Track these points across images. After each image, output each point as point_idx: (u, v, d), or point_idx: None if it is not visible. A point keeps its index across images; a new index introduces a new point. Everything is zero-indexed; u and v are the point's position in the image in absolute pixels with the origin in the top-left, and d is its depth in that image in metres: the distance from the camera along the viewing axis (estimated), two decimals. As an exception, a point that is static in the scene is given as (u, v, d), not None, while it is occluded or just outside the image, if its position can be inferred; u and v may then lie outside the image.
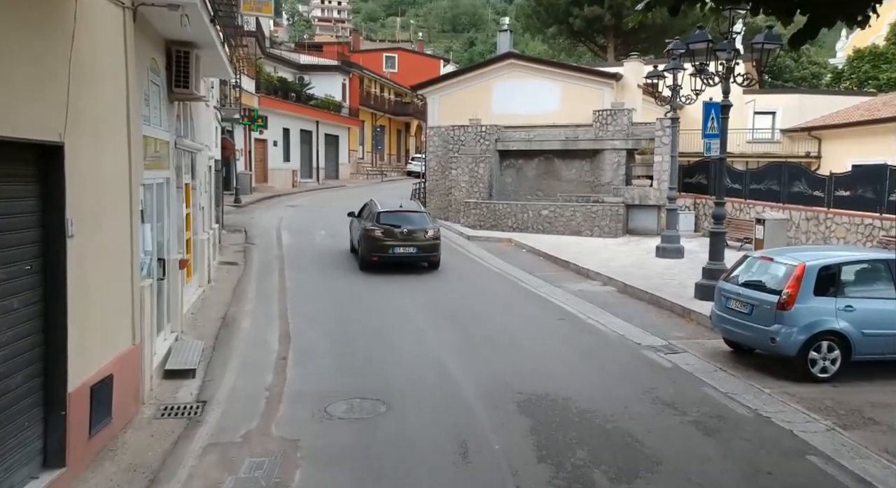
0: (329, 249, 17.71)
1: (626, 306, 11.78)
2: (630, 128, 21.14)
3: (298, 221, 23.38)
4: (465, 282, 13.86)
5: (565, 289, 13.17)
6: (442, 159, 24.10)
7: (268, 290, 12.84)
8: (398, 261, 14.85)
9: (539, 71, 22.86)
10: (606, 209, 19.91)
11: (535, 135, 22.44)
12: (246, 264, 15.58)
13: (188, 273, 11.46)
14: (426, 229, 15.13)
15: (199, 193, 12.52)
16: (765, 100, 28.58)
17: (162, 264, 8.55)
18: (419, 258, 15.13)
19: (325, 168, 43.30)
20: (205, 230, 13.16)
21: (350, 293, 12.58)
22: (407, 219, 15.18)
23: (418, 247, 14.91)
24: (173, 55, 9.22)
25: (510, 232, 20.81)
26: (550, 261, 16.40)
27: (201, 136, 12.96)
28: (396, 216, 15.21)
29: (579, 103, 22.03)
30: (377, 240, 14.71)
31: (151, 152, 8.26)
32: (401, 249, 14.78)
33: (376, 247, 14.72)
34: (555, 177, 22.64)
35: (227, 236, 19.47)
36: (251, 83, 32.53)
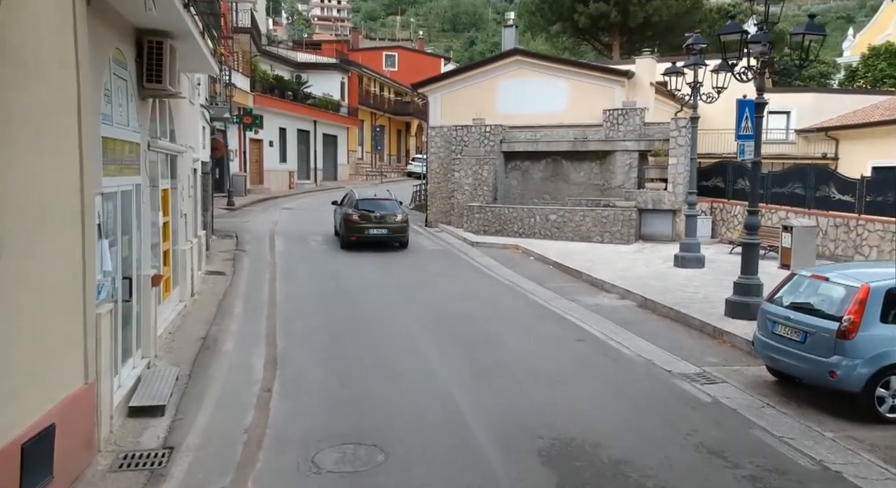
0: (324, 257, 16.63)
1: (649, 324, 10.70)
2: (643, 128, 20.07)
3: (293, 226, 22.31)
4: (472, 296, 12.79)
5: (580, 304, 12.10)
6: (444, 161, 23.02)
7: (256, 305, 11.77)
8: (372, 241, 17.50)
9: (546, 68, 21.79)
10: (618, 214, 18.84)
11: (541, 136, 21.37)
12: (235, 274, 14.51)
13: (166, 288, 10.40)
14: (396, 214, 17.98)
15: (180, 199, 11.45)
16: (779, 99, 27.45)
17: (129, 283, 7.48)
18: (390, 238, 17.83)
19: (323, 169, 42.23)
20: (188, 239, 12.10)
21: (347, 311, 11.51)
22: (380, 206, 18.01)
23: (389, 229, 17.73)
24: (144, 46, 8.16)
25: (516, 238, 19.74)
26: (561, 271, 15.33)
27: (184, 137, 11.89)
28: (372, 203, 18.07)
29: (589, 102, 20.95)
30: (355, 223, 17.49)
31: (115, 156, 7.20)
32: (374, 230, 17.55)
33: (354, 228, 17.51)
34: (563, 179, 21.57)
35: (216, 242, 18.41)
36: (246, 81, 31.49)
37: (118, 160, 7.33)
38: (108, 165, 6.89)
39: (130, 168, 7.83)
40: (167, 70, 8.25)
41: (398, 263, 16.14)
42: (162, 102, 10.15)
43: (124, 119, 7.56)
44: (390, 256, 17.09)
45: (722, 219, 18.88)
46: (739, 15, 45.85)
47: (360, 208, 17.65)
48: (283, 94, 37.35)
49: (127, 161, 7.70)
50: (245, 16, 32.44)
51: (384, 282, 13.94)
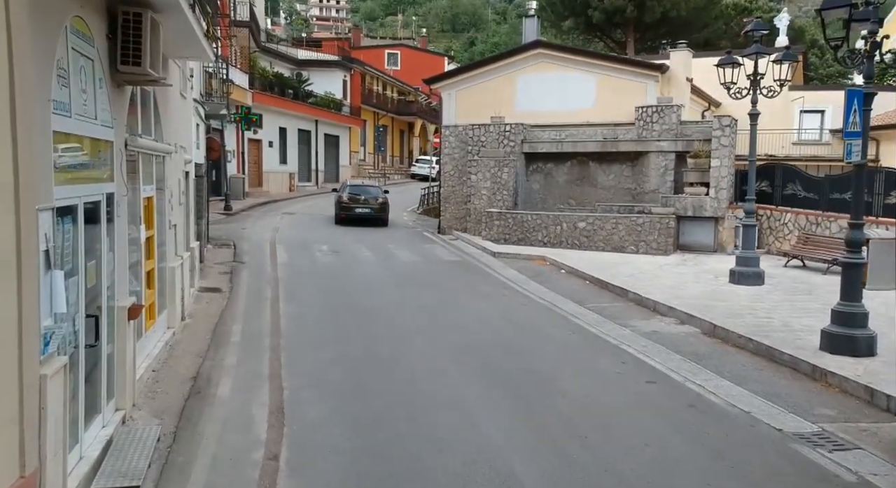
0: (332, 270, 14.89)
1: (727, 359, 8.98)
2: (679, 127, 18.37)
3: (295, 233, 20.59)
4: (505, 319, 11.06)
5: (635, 331, 10.38)
6: (459, 163, 21.31)
7: (257, 332, 10.03)
8: (358, 218, 22.16)
9: (572, 62, 20.08)
10: (654, 221, 17.14)
11: (566, 136, 19.67)
12: (232, 291, 12.77)
13: (150, 315, 8.67)
14: (377, 197, 22.83)
15: (169, 208, 9.73)
16: (813, 97, 25.81)
17: (94, 322, 5.74)
18: (373, 217, 22.40)
19: (325, 170, 40.51)
20: (178, 254, 10.37)
21: (364, 340, 9.77)
22: (366, 191, 23.24)
23: (371, 208, 22.46)
24: (119, 19, 6.45)
25: (540, 247, 18.03)
26: (600, 288, 13.61)
27: (174, 135, 10.17)
28: (359, 188, 23.48)
29: (618, 99, 19.26)
30: (345, 204, 22.47)
31: (75, 157, 5.48)
32: (360, 209, 22.37)
33: (344, 207, 22.45)
34: (590, 183, 19.86)
35: (212, 252, 16.68)
36: (244, 78, 29.77)
37: (80, 163, 5.60)
38: (64, 170, 5.18)
39: (99, 173, 6.10)
40: (147, 49, 6.52)
41: (416, 278, 14.42)
42: (145, 92, 8.44)
43: (90, 109, 5.82)
44: (407, 269, 15.38)
45: (769, 227, 17.18)
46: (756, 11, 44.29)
47: (350, 192, 22.81)
48: (284, 92, 35.65)
49: (94, 163, 5.98)
50: (244, 9, 30.72)
51: (401, 300, 12.22)
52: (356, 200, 22.45)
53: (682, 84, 19.42)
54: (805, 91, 25.37)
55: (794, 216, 16.45)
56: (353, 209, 22.24)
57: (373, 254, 17.21)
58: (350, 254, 17.12)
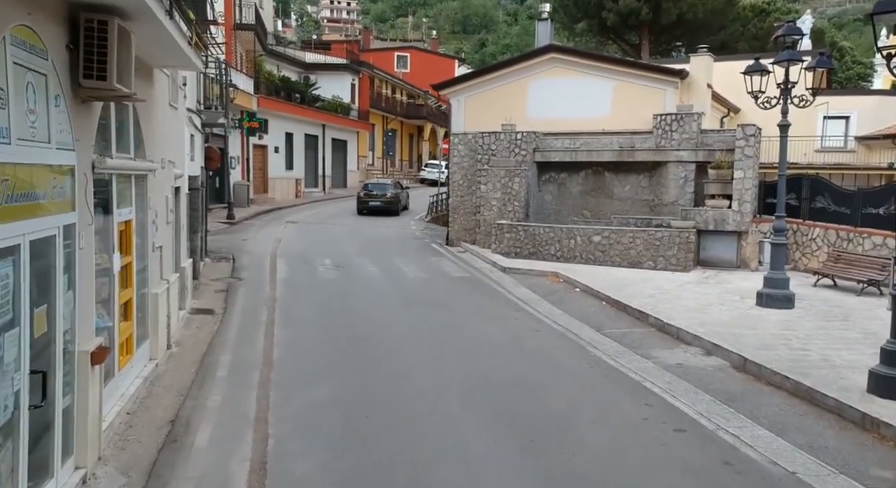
0: (334, 288, 14.10)
1: (762, 401, 8.12)
2: (700, 136, 17.48)
3: (298, 244, 19.84)
4: (516, 347, 10.24)
5: (657, 363, 9.53)
6: (468, 172, 20.50)
7: (246, 364, 9.25)
8: (373, 209, 27.66)
9: (586, 67, 19.23)
10: (674, 235, 16.25)
11: (581, 144, 18.82)
12: (226, 313, 12.02)
13: (126, 350, 7.91)
14: (387, 192, 28.49)
15: (152, 229, 8.98)
16: (837, 102, 24.79)
17: (41, 379, 4.96)
18: (385, 208, 27.80)
19: (332, 176, 39.82)
20: (163, 277, 9.62)
21: (362, 374, 8.96)
22: (379, 187, 29.28)
23: (383, 201, 28.05)
24: (81, 27, 5.70)
25: (553, 262, 17.18)
26: (618, 310, 12.75)
27: (160, 150, 9.44)
28: (373, 185, 29.70)
29: (636, 106, 18.40)
30: (362, 198, 28.34)
31: (19, 189, 4.71)
32: (374, 203, 27.89)
33: (362, 201, 28.23)
34: (605, 194, 19.00)
35: (209, 267, 15.96)
36: (249, 82, 29.10)
37: (27, 195, 4.83)
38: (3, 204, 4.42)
39: (53, 203, 5.33)
40: (113, 61, 5.76)
41: (422, 297, 13.61)
42: (122, 108, 7.70)
43: (40, 132, 5.05)
44: (413, 287, 14.58)
45: (797, 242, 16.25)
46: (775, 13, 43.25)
47: (366, 190, 28.92)
48: (290, 96, 34.99)
49: (47, 194, 5.21)
50: (249, 11, 30.06)
51: (405, 324, 11.42)
52: (370, 195, 28.17)
53: (702, 90, 18.52)
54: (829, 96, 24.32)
55: (824, 231, 15.52)
56: (367, 202, 27.97)
57: (378, 269, 16.43)
58: (353, 269, 16.35)
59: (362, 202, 28.09)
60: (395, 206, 28.32)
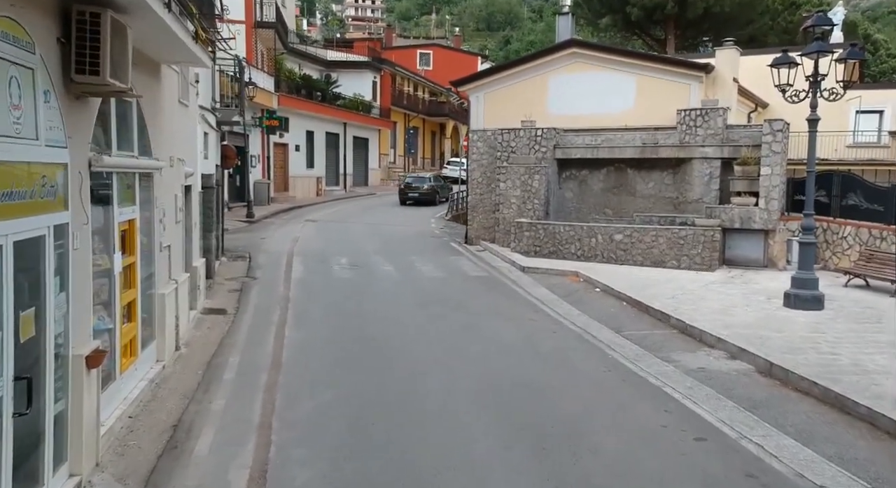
0: (349, 288, 13.90)
1: (788, 407, 7.72)
2: (725, 131, 16.98)
3: (316, 243, 19.69)
4: (531, 349, 9.93)
5: (678, 367, 9.17)
6: (487, 169, 20.19)
7: (255, 365, 9.07)
8: (412, 200, 31.52)
9: (608, 62, 18.80)
10: (698, 234, 15.79)
11: (602, 141, 18.40)
12: (238, 314, 11.86)
13: (129, 352, 7.75)
14: (425, 186, 32.28)
15: (160, 229, 8.84)
16: (870, 96, 24.03)
17: (27, 385, 4.78)
18: (421, 198, 31.50)
19: (354, 174, 39.74)
20: (172, 277, 9.47)
21: (372, 375, 8.73)
22: (419, 180, 33.17)
23: (420, 192, 31.80)
24: (73, 20, 5.52)
25: (573, 261, 16.81)
26: (639, 311, 12.37)
27: (168, 147, 9.29)
28: (414, 179, 33.41)
29: (659, 101, 17.94)
30: (402, 190, 32.40)
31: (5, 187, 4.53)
32: (412, 194, 31.75)
33: (402, 192, 32.28)
34: (627, 191, 18.57)
35: (225, 265, 15.87)
36: (270, 80, 29.06)
37: (9, 194, 4.65)
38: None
39: (42, 202, 5.16)
40: (106, 55, 5.58)
41: (438, 298, 13.34)
42: (125, 104, 7.54)
43: (27, 129, 4.87)
44: (429, 287, 14.32)
45: (826, 241, 15.69)
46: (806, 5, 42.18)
47: (406, 182, 32.99)
48: (311, 94, 34.93)
49: (34, 192, 5.03)
50: (270, 9, 30.02)
51: (419, 325, 11.17)
52: (410, 187, 32.19)
53: (728, 85, 17.99)
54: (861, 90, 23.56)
55: (855, 229, 14.96)
56: (407, 193, 31.96)
57: (394, 268, 16.21)
58: (370, 268, 16.15)
59: (403, 193, 32.21)
60: (433, 197, 31.73)
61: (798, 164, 17.65)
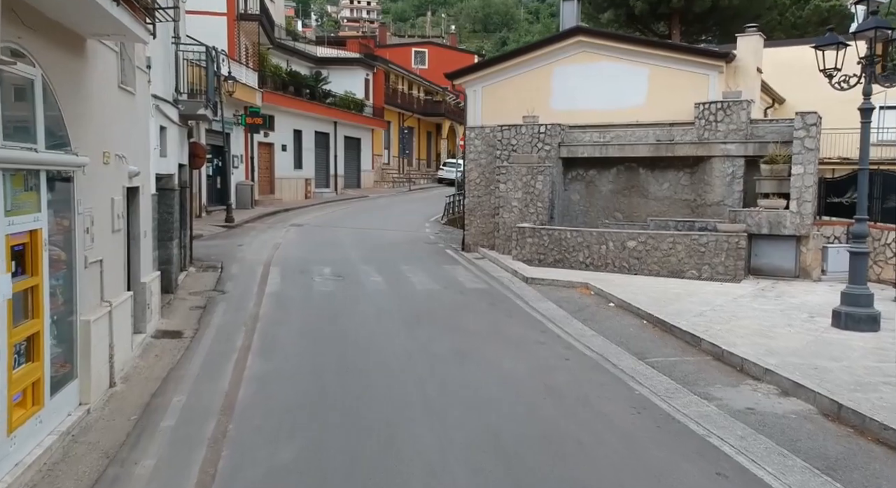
0: (330, 305, 12.20)
1: (875, 468, 6.05)
2: (749, 126, 15.35)
3: (299, 250, 18.01)
4: (540, 384, 8.25)
5: (722, 407, 7.49)
6: (486, 169, 18.53)
7: (203, 408, 7.37)
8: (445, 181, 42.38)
9: (619, 51, 17.15)
10: (721, 240, 14.15)
11: (612, 138, 16.76)
12: (196, 337, 10.16)
13: (31, 401, 6.06)
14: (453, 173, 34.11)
15: (86, 240, 7.16)
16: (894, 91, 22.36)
17: None
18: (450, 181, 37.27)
19: (345, 175, 38.06)
20: (104, 299, 7.78)
21: (345, 422, 7.03)
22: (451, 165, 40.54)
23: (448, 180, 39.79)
24: None
25: (582, 270, 15.16)
26: (662, 331, 10.70)
27: (101, 142, 7.64)
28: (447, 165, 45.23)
29: (675, 94, 16.33)
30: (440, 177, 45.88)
31: None
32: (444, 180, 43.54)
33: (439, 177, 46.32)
34: (639, 193, 16.92)
35: (193, 277, 14.17)
36: (253, 76, 27.37)
37: None
38: None
39: None
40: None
41: (431, 315, 11.67)
42: (23, 80, 5.87)
43: None
44: (421, 302, 12.65)
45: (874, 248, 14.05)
46: (815, 0, 40.62)
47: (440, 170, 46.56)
48: (300, 91, 33.25)
49: None
50: (254, 1, 28.35)
51: (408, 352, 9.48)
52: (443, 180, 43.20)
53: (751, 75, 16.34)
54: (886, 85, 22.00)
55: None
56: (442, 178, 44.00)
57: (383, 278, 14.53)
58: (355, 279, 14.46)
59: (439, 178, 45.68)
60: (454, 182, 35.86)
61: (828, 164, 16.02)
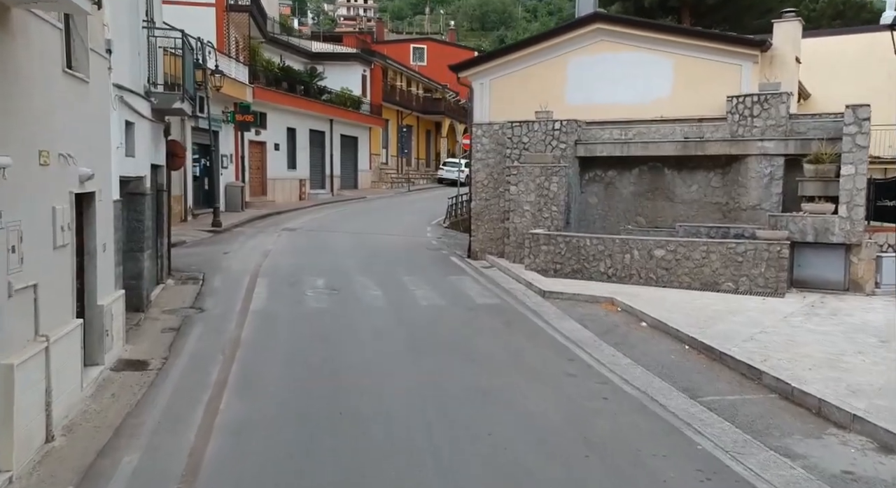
0: (322, 326, 10.66)
1: None
2: (789, 122, 13.85)
3: (290, 258, 16.47)
4: (582, 440, 6.73)
5: (809, 469, 5.98)
6: (494, 170, 17.02)
7: (158, 474, 5.84)
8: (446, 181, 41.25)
9: (641, 40, 15.62)
10: (761, 249, 12.66)
11: (634, 135, 15.26)
12: (163, 369, 8.61)
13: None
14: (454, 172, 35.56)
15: (7, 263, 5.64)
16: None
17: None
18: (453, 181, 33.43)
19: (341, 176, 36.52)
20: (39, 334, 6.25)
21: (330, 480, 5.51)
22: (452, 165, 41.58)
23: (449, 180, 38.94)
24: None
25: (604, 282, 13.66)
26: (710, 359, 9.18)
27: (35, 138, 6.14)
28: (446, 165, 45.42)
29: (703, 87, 14.84)
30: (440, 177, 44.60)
31: None
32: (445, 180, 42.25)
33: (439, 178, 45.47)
34: (664, 195, 15.42)
35: (170, 291, 12.67)
36: (244, 70, 25.82)
37: None
38: None
39: None
40: None
41: (438, 338, 10.16)
42: None
43: None
44: (426, 321, 11.13)
45: (927, 258, 12.60)
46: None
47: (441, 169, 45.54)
48: (293, 87, 31.69)
49: None
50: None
51: (410, 387, 7.96)
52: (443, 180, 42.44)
53: (790, 66, 14.80)
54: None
55: (965, 244, 11.87)
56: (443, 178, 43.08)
57: (382, 292, 13.01)
58: (351, 293, 12.95)
59: (439, 178, 44.64)
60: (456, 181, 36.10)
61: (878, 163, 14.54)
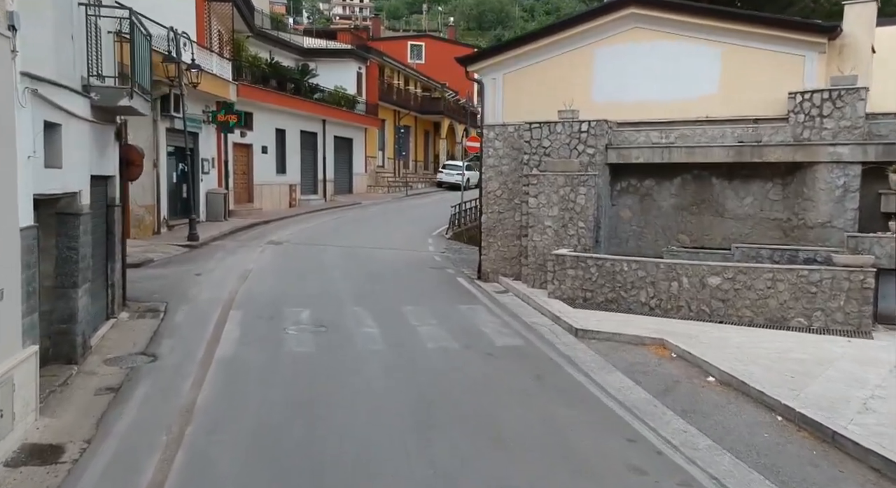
0: (301, 382, 8.33)
1: None
2: (867, 123, 11.64)
3: (272, 281, 14.16)
4: None
5: None
6: (509, 178, 14.75)
7: None
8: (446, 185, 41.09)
9: (682, 26, 13.39)
10: (840, 277, 10.42)
11: (676, 138, 13.03)
12: (78, 465, 6.27)
13: None
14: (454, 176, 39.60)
15: None
16: None
17: None
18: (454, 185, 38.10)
19: (335, 180, 34.21)
20: None
21: None
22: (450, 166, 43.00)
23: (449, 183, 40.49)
24: None
25: (646, 315, 11.41)
26: (817, 439, 6.90)
27: None
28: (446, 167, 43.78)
29: (757, 81, 12.64)
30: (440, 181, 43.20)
31: None
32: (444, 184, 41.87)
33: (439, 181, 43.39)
34: (712, 210, 13.19)
35: (120, 328, 10.37)
36: (227, 66, 23.48)
37: None
38: None
39: None
40: None
41: (452, 403, 7.87)
42: None
43: None
44: (436, 376, 8.82)
45: None
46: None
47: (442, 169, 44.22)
48: (283, 85, 29.37)
49: None
50: (228, -20, 24.42)
51: (412, 485, 5.69)
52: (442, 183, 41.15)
53: (864, 56, 12.59)
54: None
55: None
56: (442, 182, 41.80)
57: (380, 330, 10.71)
58: (343, 329, 10.67)
59: (439, 181, 42.55)
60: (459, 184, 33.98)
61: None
